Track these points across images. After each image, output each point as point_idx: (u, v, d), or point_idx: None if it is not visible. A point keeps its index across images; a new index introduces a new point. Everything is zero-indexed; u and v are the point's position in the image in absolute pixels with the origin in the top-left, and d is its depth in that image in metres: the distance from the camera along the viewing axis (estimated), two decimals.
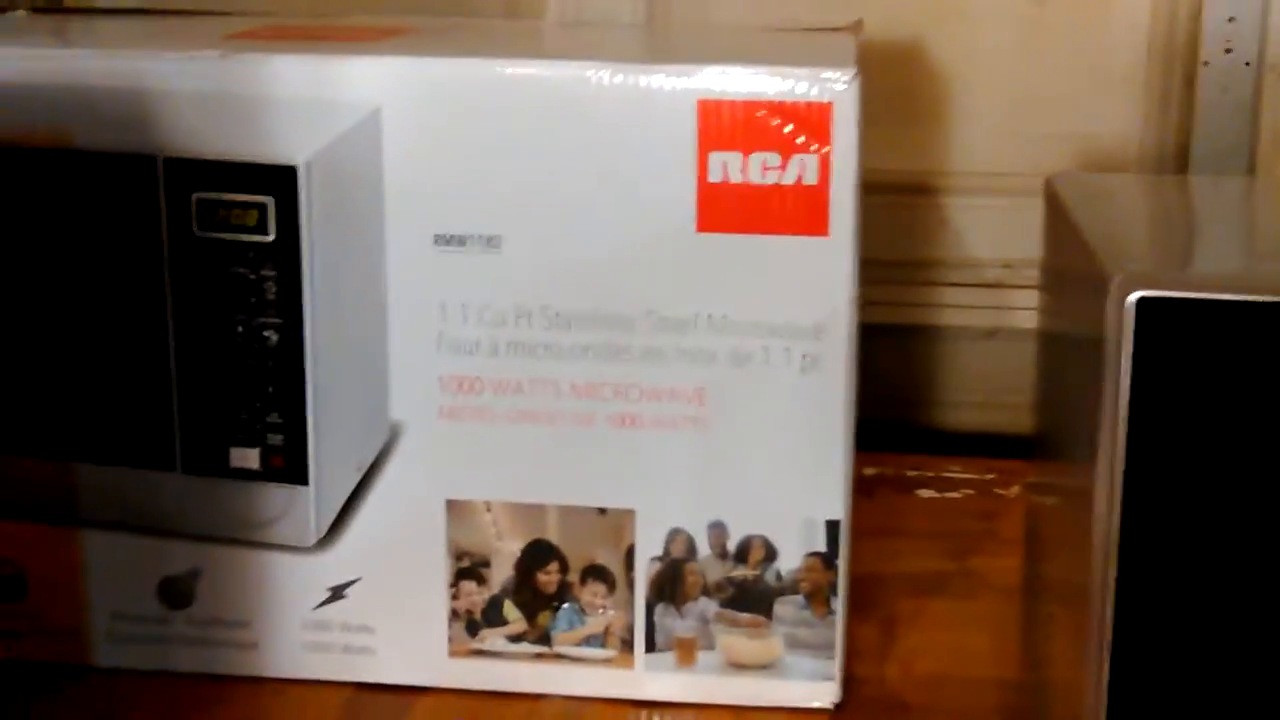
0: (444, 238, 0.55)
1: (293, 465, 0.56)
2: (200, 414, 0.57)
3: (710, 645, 0.57)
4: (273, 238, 0.54)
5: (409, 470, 0.57)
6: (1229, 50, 0.77)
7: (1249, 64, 0.77)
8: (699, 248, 0.54)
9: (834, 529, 0.56)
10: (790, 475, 0.56)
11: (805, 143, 0.53)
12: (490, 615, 0.58)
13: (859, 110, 0.52)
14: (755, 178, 0.53)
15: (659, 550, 0.57)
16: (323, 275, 0.55)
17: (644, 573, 0.57)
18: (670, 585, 0.57)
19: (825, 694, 0.58)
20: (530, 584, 0.58)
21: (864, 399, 0.56)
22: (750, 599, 0.57)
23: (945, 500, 0.76)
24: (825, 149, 0.53)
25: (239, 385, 0.56)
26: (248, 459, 0.57)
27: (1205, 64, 0.77)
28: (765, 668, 0.57)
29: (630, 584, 0.57)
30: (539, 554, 0.57)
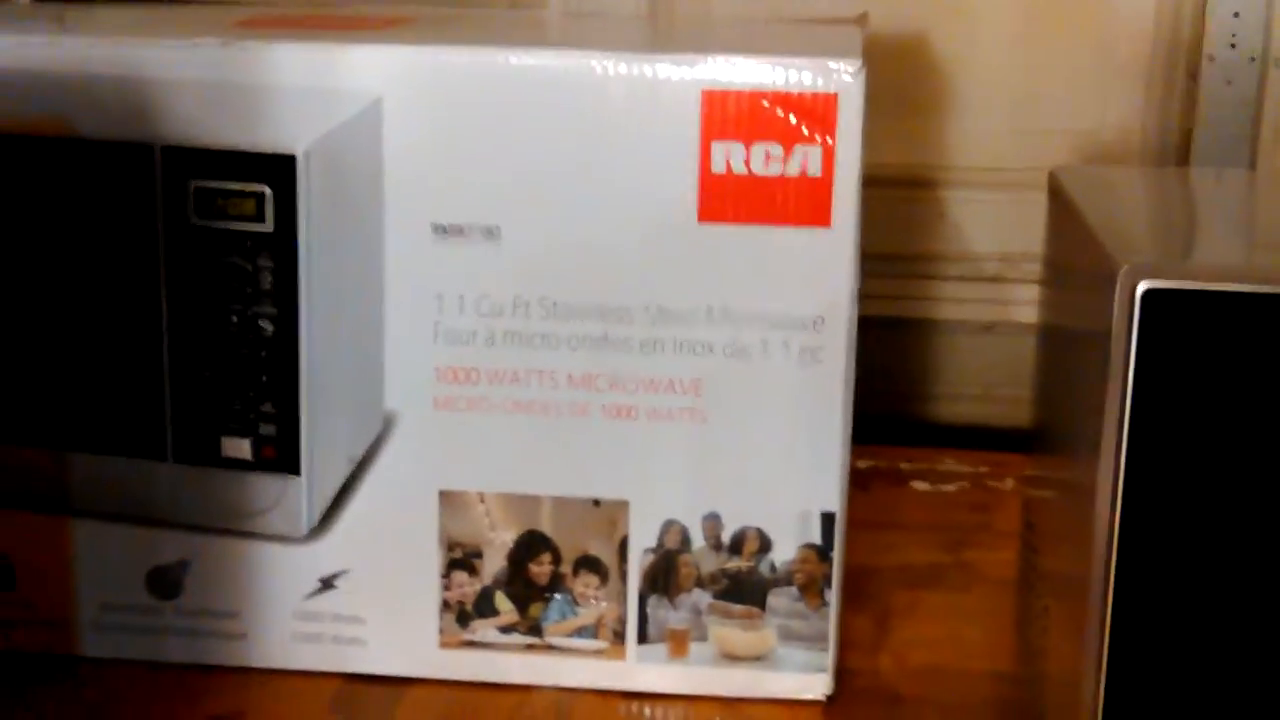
0: (442, 227, 0.54)
1: (285, 455, 0.56)
2: (192, 403, 0.56)
3: (703, 637, 0.57)
4: (270, 227, 0.54)
5: (402, 460, 0.56)
6: (1233, 45, 0.77)
7: (1254, 59, 0.77)
8: (700, 238, 0.54)
9: (829, 521, 0.56)
10: (786, 467, 0.55)
11: (809, 134, 0.52)
12: (482, 606, 0.58)
13: (864, 102, 0.52)
14: (758, 168, 0.53)
15: (653, 541, 0.56)
16: (320, 266, 0.54)
17: (637, 564, 0.57)
18: (663, 576, 0.57)
19: (818, 686, 0.57)
20: (522, 575, 0.57)
21: (859, 392, 0.55)
22: (744, 591, 0.57)
23: (940, 493, 0.76)
24: (829, 140, 0.52)
25: (232, 375, 0.56)
26: (240, 449, 0.56)
27: (1210, 58, 0.77)
28: (758, 659, 0.57)
29: (623, 575, 0.57)
30: (532, 545, 0.57)
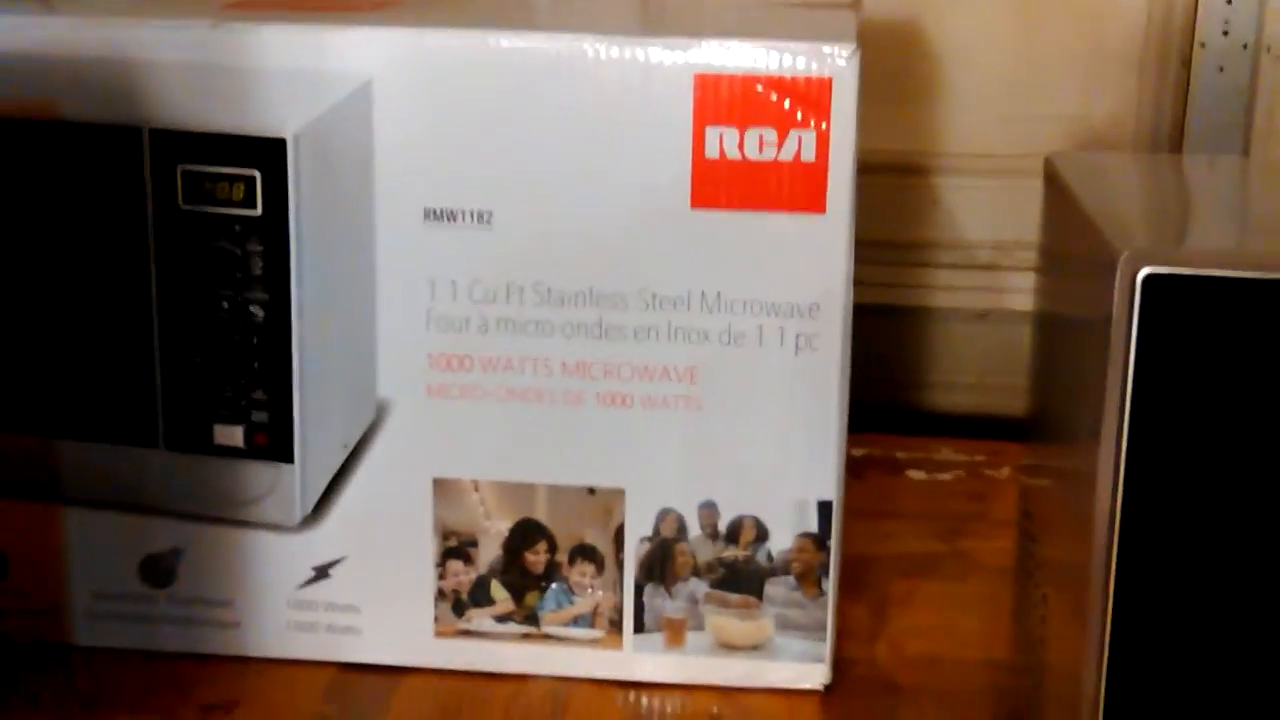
0: (434, 213, 0.54)
1: (278, 443, 0.56)
2: (184, 390, 0.56)
3: (700, 626, 0.57)
4: (260, 212, 0.54)
5: (396, 448, 0.56)
6: (1226, 32, 0.77)
7: (1246, 46, 0.77)
8: (694, 224, 0.53)
9: (826, 510, 0.56)
10: (783, 456, 0.55)
11: (804, 119, 0.52)
12: (477, 595, 0.57)
13: (859, 86, 0.52)
14: (752, 153, 0.53)
15: (649, 530, 0.56)
16: (311, 251, 0.54)
17: (633, 553, 0.57)
18: (660, 565, 0.57)
19: (815, 675, 0.57)
20: (518, 564, 0.57)
21: (854, 380, 0.55)
22: (741, 580, 0.56)
23: (936, 481, 0.76)
24: (824, 125, 0.52)
25: (223, 361, 0.55)
26: (232, 436, 0.56)
27: (1202, 45, 0.77)
28: (755, 649, 0.57)
29: (619, 564, 0.57)
30: (527, 533, 0.57)
